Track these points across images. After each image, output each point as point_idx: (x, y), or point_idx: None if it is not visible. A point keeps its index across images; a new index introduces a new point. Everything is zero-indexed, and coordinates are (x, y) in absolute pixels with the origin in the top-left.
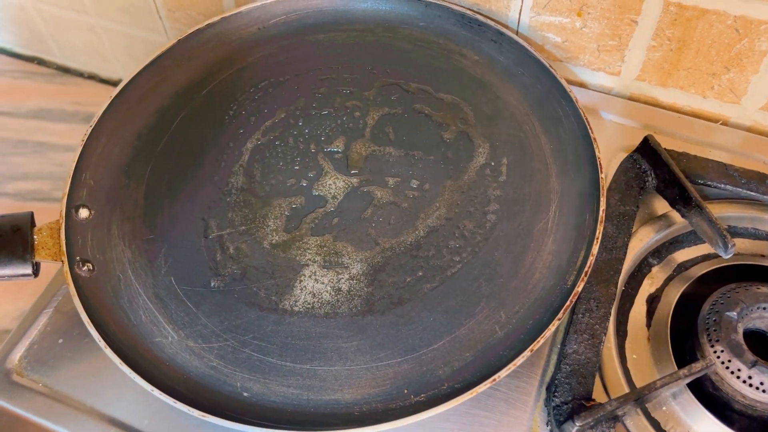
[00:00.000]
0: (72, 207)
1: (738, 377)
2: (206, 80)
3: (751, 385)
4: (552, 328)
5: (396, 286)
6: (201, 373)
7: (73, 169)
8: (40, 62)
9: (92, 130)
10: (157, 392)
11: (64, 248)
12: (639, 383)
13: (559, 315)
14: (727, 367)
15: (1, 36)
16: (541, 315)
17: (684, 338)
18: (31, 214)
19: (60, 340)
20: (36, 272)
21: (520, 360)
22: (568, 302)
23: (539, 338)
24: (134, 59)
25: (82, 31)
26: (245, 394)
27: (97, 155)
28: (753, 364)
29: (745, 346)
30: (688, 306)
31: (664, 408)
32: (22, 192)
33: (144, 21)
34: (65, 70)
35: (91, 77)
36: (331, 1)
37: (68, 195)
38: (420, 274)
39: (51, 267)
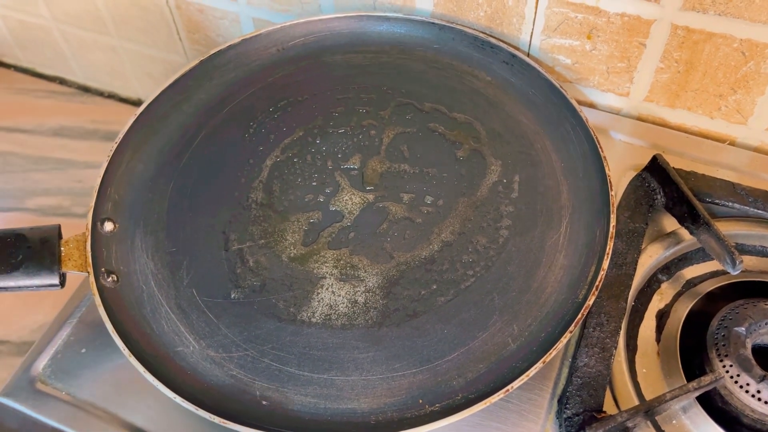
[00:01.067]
0: (97, 220)
1: (747, 391)
2: (227, 99)
3: (759, 399)
4: (564, 340)
5: (411, 299)
6: (221, 382)
7: (98, 183)
8: (62, 82)
9: (117, 146)
10: (179, 400)
11: (90, 260)
12: (649, 397)
13: (571, 328)
14: (736, 382)
15: (25, 56)
16: (553, 328)
17: (693, 353)
18: (59, 227)
19: (83, 350)
20: (62, 283)
21: (532, 371)
22: (579, 316)
23: (551, 350)
24: (153, 79)
25: (103, 51)
26: (264, 402)
27: (121, 170)
28: (762, 379)
29: (753, 361)
30: (696, 321)
31: (674, 422)
32: (43, 207)
33: (164, 42)
34: (86, 90)
35: (111, 96)
36: (348, 24)
37: (94, 209)
38: (434, 287)
39: (74, 279)
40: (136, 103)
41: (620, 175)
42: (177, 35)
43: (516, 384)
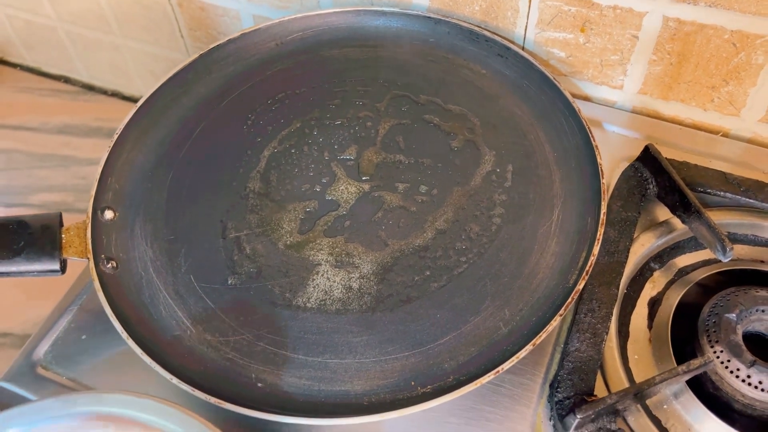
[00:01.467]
0: (98, 208)
1: (737, 377)
2: (226, 92)
3: (750, 384)
4: (554, 323)
5: (404, 285)
6: (218, 365)
7: (99, 173)
8: (67, 80)
9: (118, 137)
10: (176, 381)
11: (90, 246)
12: None
13: (561, 311)
14: (727, 367)
15: (30, 55)
16: (544, 312)
17: (685, 340)
18: (60, 215)
19: (83, 336)
20: (63, 269)
21: (522, 353)
22: (569, 299)
23: (541, 333)
24: (156, 77)
25: (107, 50)
26: (259, 384)
27: (122, 161)
28: (752, 364)
29: (744, 347)
30: (688, 309)
31: (665, 407)
32: (47, 203)
33: (166, 40)
34: (90, 88)
35: (114, 95)
36: (345, 19)
37: (94, 197)
38: (427, 273)
39: (75, 269)
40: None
41: (614, 166)
42: (179, 33)
43: (506, 366)
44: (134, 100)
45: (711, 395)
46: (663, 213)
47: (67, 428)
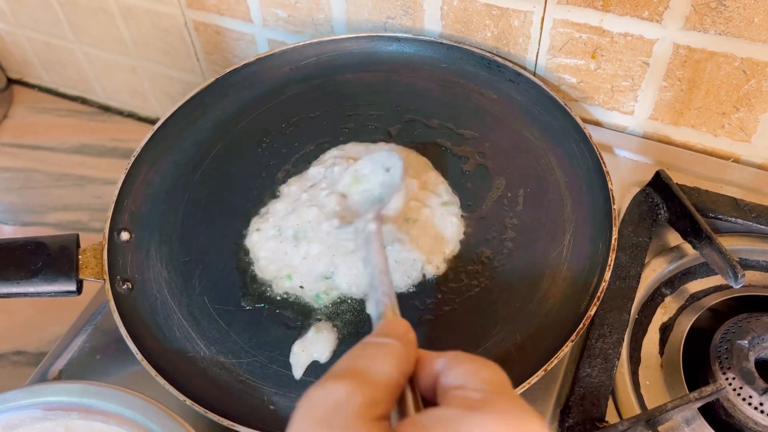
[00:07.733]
0: (114, 230)
1: (750, 404)
2: (241, 115)
3: (762, 412)
4: (565, 349)
5: (416, 308)
6: (230, 386)
7: (116, 195)
8: (84, 101)
9: (135, 160)
10: (189, 402)
11: (106, 268)
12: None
13: (572, 337)
14: (739, 394)
15: (49, 76)
16: (555, 337)
17: (696, 366)
18: (77, 236)
19: (98, 356)
20: (80, 290)
21: (533, 379)
22: (580, 325)
23: (553, 359)
24: (171, 99)
25: (124, 72)
26: (271, 406)
27: (138, 183)
28: (764, 391)
29: (756, 374)
30: (700, 335)
31: None
32: (62, 222)
33: (182, 63)
34: (106, 109)
35: (131, 115)
36: (359, 44)
37: (111, 219)
38: (439, 296)
39: (90, 290)
40: (155, 122)
41: (625, 191)
42: (195, 56)
43: (517, 391)
44: (150, 121)
45: (723, 422)
46: (674, 238)
47: (31, 418)
